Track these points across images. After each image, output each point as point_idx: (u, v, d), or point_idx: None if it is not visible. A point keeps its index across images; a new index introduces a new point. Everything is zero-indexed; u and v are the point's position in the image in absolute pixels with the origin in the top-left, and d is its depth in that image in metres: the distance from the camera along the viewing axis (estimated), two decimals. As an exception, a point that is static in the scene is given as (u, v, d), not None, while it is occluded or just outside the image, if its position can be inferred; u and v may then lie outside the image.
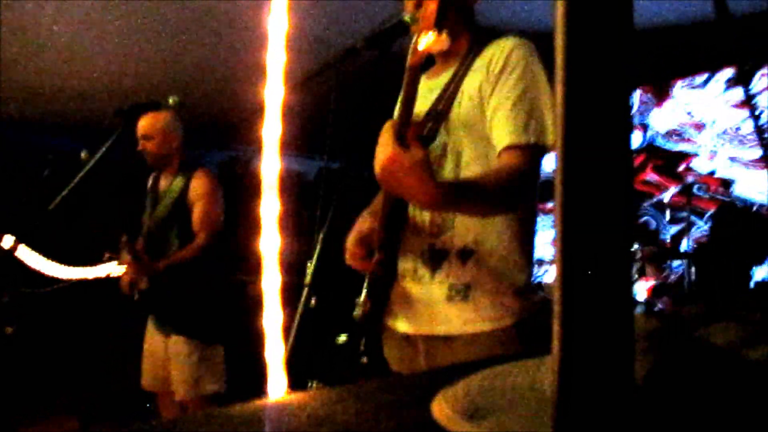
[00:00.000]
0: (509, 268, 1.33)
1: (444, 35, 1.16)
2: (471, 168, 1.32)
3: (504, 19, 3.22)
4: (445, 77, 1.40)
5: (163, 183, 2.84)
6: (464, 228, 1.33)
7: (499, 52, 1.32)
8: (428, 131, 1.35)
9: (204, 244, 2.66)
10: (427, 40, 1.16)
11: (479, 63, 1.35)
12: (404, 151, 1.10)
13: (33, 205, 2.10)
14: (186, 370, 2.64)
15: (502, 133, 1.27)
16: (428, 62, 1.32)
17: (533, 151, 1.26)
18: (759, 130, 3.71)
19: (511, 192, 1.24)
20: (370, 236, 1.38)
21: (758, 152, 3.88)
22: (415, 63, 1.20)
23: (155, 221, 2.79)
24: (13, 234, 2.09)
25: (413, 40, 1.19)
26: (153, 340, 2.77)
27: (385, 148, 1.11)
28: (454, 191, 1.17)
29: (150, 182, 2.92)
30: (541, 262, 4.07)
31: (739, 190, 4.03)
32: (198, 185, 2.74)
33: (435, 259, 1.34)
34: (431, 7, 1.18)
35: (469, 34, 1.41)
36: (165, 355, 2.71)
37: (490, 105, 1.30)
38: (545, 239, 2.95)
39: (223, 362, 2.72)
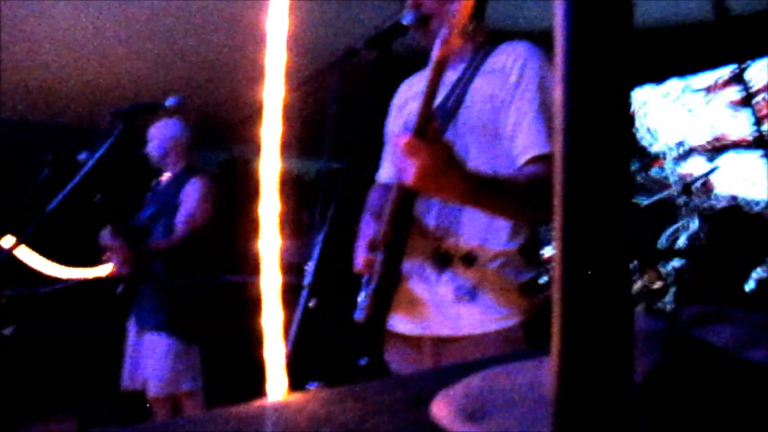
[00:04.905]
0: (514, 268, 1.33)
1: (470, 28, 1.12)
2: (478, 170, 1.31)
3: (504, 19, 3.22)
4: (452, 75, 1.38)
5: (163, 183, 2.95)
6: (469, 232, 1.32)
7: (513, 59, 1.33)
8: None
9: (181, 237, 2.71)
10: (456, 34, 1.09)
11: (490, 66, 1.35)
12: (435, 149, 1.09)
13: (32, 205, 2.10)
14: (161, 367, 2.66)
15: (527, 144, 1.28)
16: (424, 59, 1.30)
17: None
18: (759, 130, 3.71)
19: (537, 200, 1.22)
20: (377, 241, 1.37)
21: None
22: (445, 57, 1.13)
23: (147, 215, 2.86)
24: (12, 234, 2.09)
25: (444, 32, 1.11)
26: (132, 337, 2.81)
27: (418, 153, 1.09)
28: (486, 184, 1.17)
29: (153, 182, 3.02)
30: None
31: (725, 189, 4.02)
32: (191, 188, 2.83)
33: (441, 261, 1.34)
34: (469, 2, 1.09)
35: (476, 34, 1.40)
36: (141, 353, 2.74)
37: (510, 116, 1.30)
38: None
39: (200, 361, 2.74)
